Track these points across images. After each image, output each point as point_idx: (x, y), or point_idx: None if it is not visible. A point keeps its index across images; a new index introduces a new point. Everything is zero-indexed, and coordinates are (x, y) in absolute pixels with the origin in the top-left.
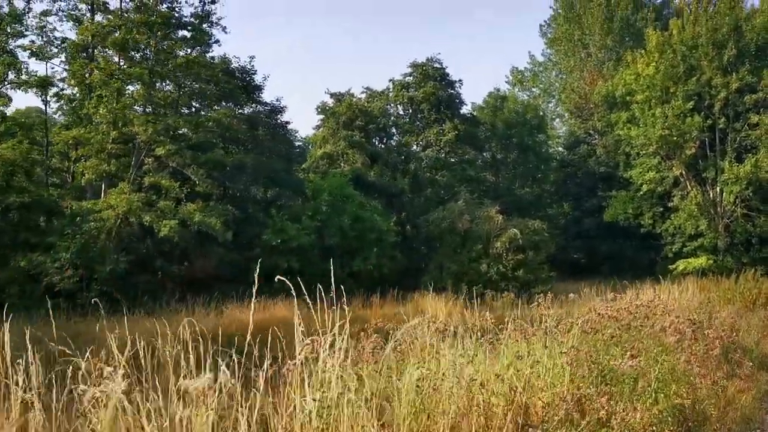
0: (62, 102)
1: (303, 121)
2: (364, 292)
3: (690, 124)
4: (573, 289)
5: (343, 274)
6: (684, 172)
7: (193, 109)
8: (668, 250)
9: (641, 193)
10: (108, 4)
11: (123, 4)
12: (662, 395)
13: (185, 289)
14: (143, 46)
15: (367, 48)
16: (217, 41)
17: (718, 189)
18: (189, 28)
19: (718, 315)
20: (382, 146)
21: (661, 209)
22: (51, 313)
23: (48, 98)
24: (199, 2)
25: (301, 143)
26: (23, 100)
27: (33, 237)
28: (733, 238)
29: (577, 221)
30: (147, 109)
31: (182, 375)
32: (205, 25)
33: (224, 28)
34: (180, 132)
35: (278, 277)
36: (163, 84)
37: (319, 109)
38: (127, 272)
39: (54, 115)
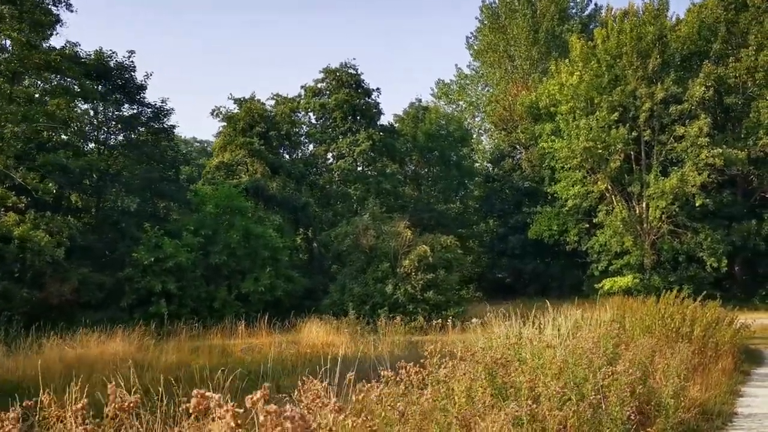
0: None
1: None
2: (252, 317)
3: (615, 136)
4: (495, 311)
5: (230, 297)
6: (609, 187)
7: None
8: (594, 269)
9: (566, 208)
10: None
11: None
12: None
13: (37, 318)
14: None
15: (292, 60)
16: (59, 21)
17: (644, 204)
18: (18, 2)
19: (629, 353)
20: (287, 156)
21: (587, 226)
22: None
23: None
24: None
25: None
26: None
27: None
28: (660, 255)
29: (502, 239)
30: None
31: None
32: (47, 2)
33: (69, 6)
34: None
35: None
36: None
37: (215, 113)
38: None
39: None
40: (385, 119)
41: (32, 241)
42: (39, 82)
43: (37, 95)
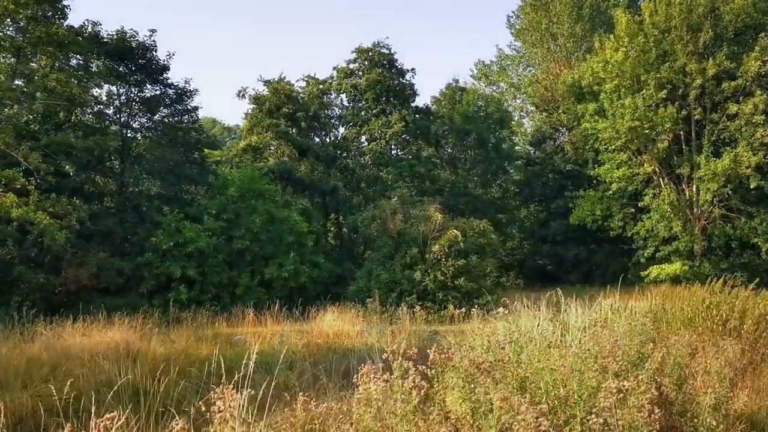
0: None
1: None
2: (271, 304)
3: (663, 115)
4: (535, 299)
5: (252, 283)
6: (656, 169)
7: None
8: (640, 255)
9: (610, 192)
10: None
11: None
12: None
13: (56, 304)
14: None
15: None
16: None
17: (693, 187)
18: None
19: (659, 354)
20: (317, 139)
21: (633, 210)
22: None
23: None
24: None
25: None
26: None
27: None
28: (711, 241)
29: (543, 224)
30: None
31: None
32: None
33: None
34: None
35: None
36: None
37: (240, 95)
38: None
39: None
40: (424, 101)
41: (34, 224)
42: (55, 63)
43: (55, 75)
